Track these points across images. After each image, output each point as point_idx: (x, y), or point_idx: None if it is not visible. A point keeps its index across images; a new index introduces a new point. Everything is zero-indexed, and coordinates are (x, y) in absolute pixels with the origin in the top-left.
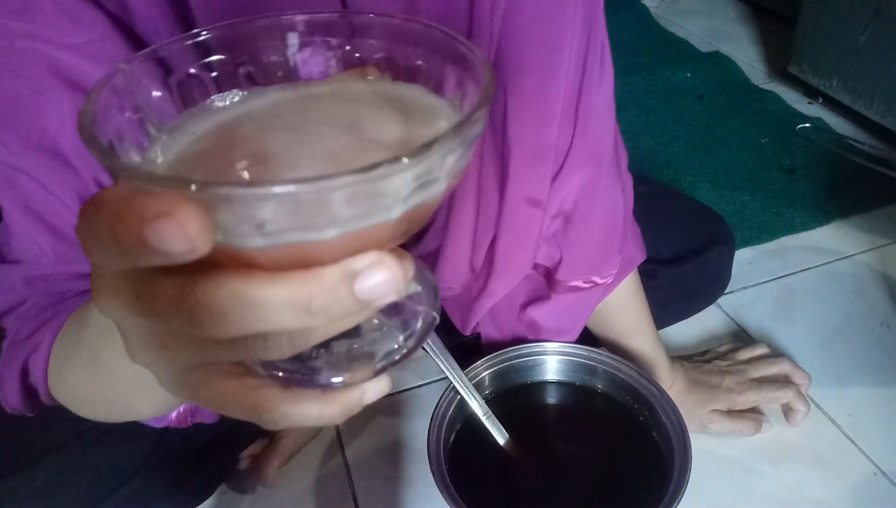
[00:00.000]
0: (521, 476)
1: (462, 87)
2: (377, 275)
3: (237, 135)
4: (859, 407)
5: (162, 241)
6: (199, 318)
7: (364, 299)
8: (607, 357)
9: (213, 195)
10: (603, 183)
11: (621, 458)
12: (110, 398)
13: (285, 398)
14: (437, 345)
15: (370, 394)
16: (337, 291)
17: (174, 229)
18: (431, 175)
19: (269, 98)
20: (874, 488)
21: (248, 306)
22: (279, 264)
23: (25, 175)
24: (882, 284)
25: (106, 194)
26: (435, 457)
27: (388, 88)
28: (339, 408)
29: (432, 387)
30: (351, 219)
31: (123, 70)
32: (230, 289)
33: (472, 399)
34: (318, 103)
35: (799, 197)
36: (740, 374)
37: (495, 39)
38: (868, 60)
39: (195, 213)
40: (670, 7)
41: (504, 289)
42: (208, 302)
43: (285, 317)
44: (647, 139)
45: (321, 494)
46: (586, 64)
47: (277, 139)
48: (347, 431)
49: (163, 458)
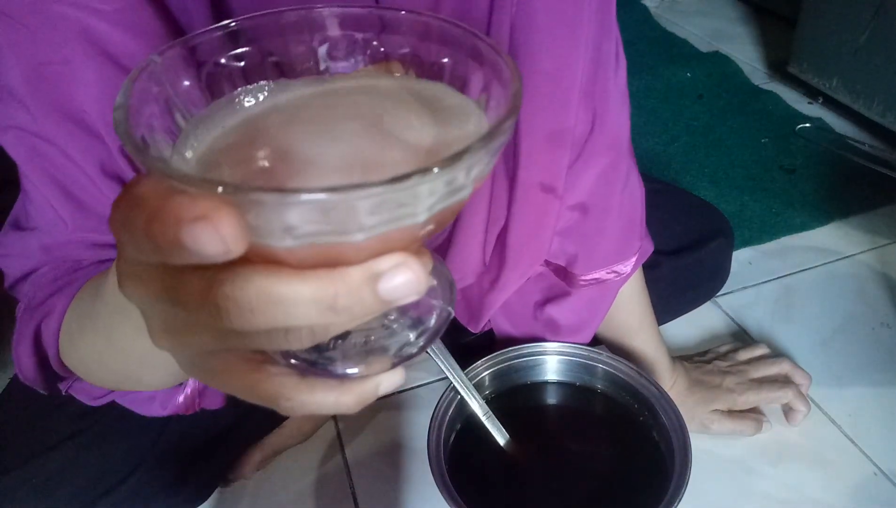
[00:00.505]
0: (522, 477)
1: (488, 89)
2: (400, 276)
3: (264, 128)
4: (859, 407)
5: (199, 243)
6: (226, 312)
7: (386, 299)
8: (607, 357)
9: (246, 200)
10: (623, 170)
11: (621, 458)
12: (121, 370)
13: (303, 387)
14: (436, 345)
15: (385, 385)
16: (361, 291)
17: (211, 233)
18: (458, 183)
19: (297, 91)
20: (874, 488)
21: (274, 303)
22: (306, 262)
23: (48, 143)
24: (882, 284)
25: (141, 189)
26: (435, 457)
27: (414, 84)
28: (354, 398)
29: (432, 387)
30: (378, 225)
31: (155, 62)
32: (258, 285)
33: (472, 399)
34: (345, 98)
35: (799, 197)
36: (741, 374)
37: (514, 8)
38: (868, 60)
39: (231, 217)
40: (670, 7)
41: (518, 281)
42: (236, 297)
43: (310, 314)
44: (647, 139)
45: (321, 494)
46: (601, 51)
47: (303, 134)
48: (347, 431)
49: (161, 456)
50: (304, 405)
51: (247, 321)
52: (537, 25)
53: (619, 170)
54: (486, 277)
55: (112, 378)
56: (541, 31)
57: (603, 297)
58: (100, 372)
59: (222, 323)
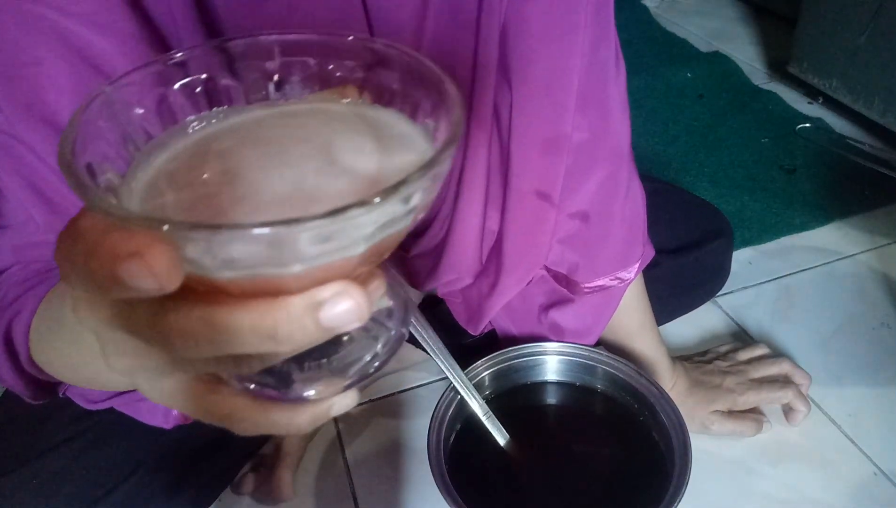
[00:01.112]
0: (522, 477)
1: (436, 116)
2: (341, 304)
3: (212, 152)
4: (859, 407)
5: (133, 280)
6: (170, 341)
7: (328, 327)
8: (607, 357)
9: (181, 237)
10: (623, 177)
11: (621, 458)
12: (91, 375)
13: (256, 408)
14: (437, 345)
15: (338, 407)
16: (302, 319)
17: (143, 270)
18: (397, 213)
19: (248, 115)
20: (874, 488)
21: (217, 332)
22: (248, 292)
23: (21, 143)
24: (882, 284)
25: (82, 223)
26: (435, 457)
27: (365, 110)
28: (307, 419)
29: (432, 387)
30: (317, 256)
31: (106, 91)
32: (200, 315)
33: (472, 399)
34: (295, 120)
35: (799, 197)
36: (741, 374)
37: (503, 13)
38: (868, 60)
39: (164, 254)
40: (670, 7)
41: (515, 286)
42: (180, 327)
43: (252, 343)
44: (647, 139)
45: (321, 494)
46: (599, 57)
47: (251, 158)
48: (347, 431)
49: (161, 459)
50: (257, 426)
51: (192, 350)
52: (530, 33)
53: (620, 177)
54: (485, 281)
55: (83, 381)
56: (534, 38)
57: (607, 303)
58: (69, 375)
59: (169, 352)
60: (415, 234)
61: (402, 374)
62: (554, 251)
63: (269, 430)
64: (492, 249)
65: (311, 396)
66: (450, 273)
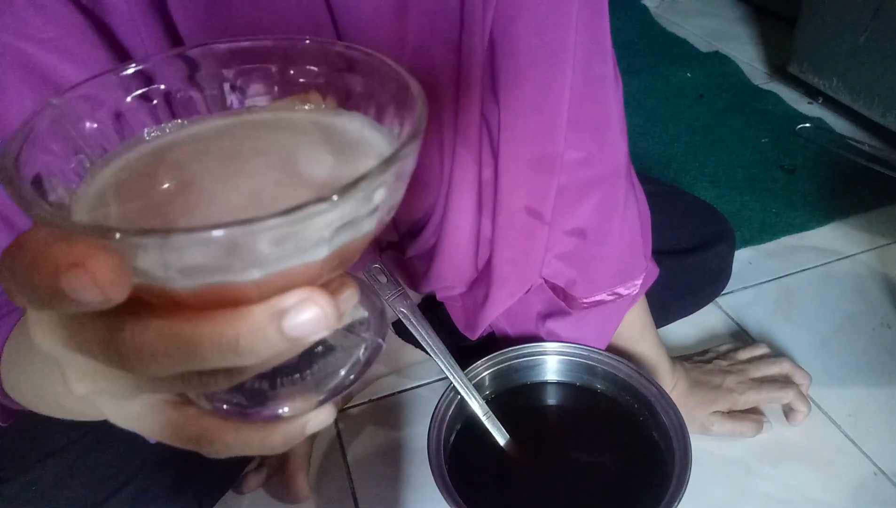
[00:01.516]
0: (522, 477)
1: (401, 115)
2: (306, 313)
3: (166, 162)
4: (859, 407)
5: (75, 292)
6: (128, 359)
7: (293, 337)
8: (607, 357)
9: (131, 245)
10: (621, 195)
11: (621, 458)
12: (58, 403)
13: (227, 428)
14: (437, 345)
15: (313, 424)
16: (265, 329)
17: (86, 281)
18: (358, 213)
19: (206, 125)
20: (874, 488)
21: (175, 347)
22: (207, 302)
23: None
24: (882, 284)
25: (26, 237)
26: (435, 457)
27: (327, 118)
28: (280, 437)
29: (432, 387)
30: (275, 261)
31: (54, 105)
32: (156, 330)
33: (472, 399)
34: (254, 131)
35: (799, 197)
36: (741, 374)
37: (487, 35)
38: (868, 60)
39: (107, 263)
40: (670, 7)
41: (508, 299)
42: (136, 343)
43: (214, 357)
44: (647, 139)
45: (321, 494)
46: (593, 75)
47: (206, 168)
48: (347, 431)
49: (161, 461)
50: (228, 448)
51: (151, 368)
52: (518, 50)
53: (617, 195)
54: (479, 291)
55: (53, 413)
56: (522, 56)
57: (608, 317)
58: (41, 407)
59: (128, 371)
60: (410, 235)
61: (402, 374)
62: (552, 266)
63: (243, 451)
64: (487, 260)
65: (285, 413)
66: (443, 280)
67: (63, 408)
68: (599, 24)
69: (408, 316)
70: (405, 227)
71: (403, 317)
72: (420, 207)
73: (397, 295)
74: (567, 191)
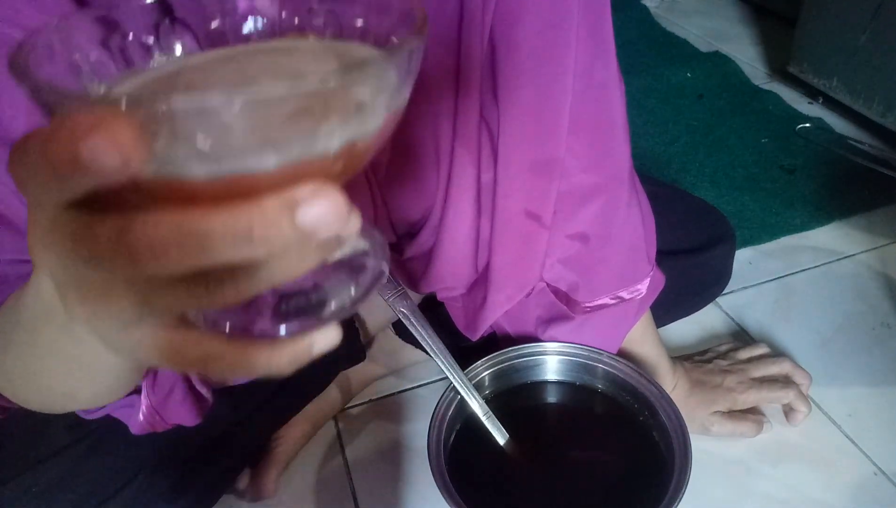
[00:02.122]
0: (521, 476)
1: None
2: (319, 204)
3: (176, 79)
4: (859, 407)
5: (96, 154)
6: (139, 254)
7: (306, 229)
8: (607, 357)
9: (145, 107)
10: (624, 200)
11: (621, 458)
12: (51, 384)
13: (232, 348)
14: (437, 345)
15: (319, 344)
16: (278, 220)
17: (107, 141)
18: (365, 102)
19: (213, 54)
20: (874, 488)
21: (189, 237)
22: (220, 196)
23: None
24: (882, 284)
25: (37, 129)
26: (435, 457)
27: (333, 43)
28: (287, 357)
29: (432, 387)
30: (286, 146)
31: (62, 25)
32: (171, 221)
33: (472, 399)
34: (263, 55)
35: (799, 197)
36: (741, 373)
37: (486, 37)
38: (868, 60)
39: (128, 124)
40: (670, 7)
41: (506, 303)
42: (148, 235)
43: (227, 247)
44: (647, 139)
45: (321, 494)
46: (596, 80)
47: (214, 80)
48: (347, 431)
49: (160, 462)
50: (234, 369)
51: (162, 262)
52: (518, 55)
53: (619, 201)
54: (478, 293)
55: (39, 398)
56: (522, 60)
57: (614, 322)
58: (28, 390)
59: (137, 268)
60: (408, 236)
61: (402, 374)
62: (554, 270)
63: (249, 372)
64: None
65: (291, 332)
66: (441, 281)
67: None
68: (602, 29)
69: (408, 316)
70: (403, 228)
71: (403, 317)
72: (417, 208)
73: (397, 295)
74: (569, 196)
